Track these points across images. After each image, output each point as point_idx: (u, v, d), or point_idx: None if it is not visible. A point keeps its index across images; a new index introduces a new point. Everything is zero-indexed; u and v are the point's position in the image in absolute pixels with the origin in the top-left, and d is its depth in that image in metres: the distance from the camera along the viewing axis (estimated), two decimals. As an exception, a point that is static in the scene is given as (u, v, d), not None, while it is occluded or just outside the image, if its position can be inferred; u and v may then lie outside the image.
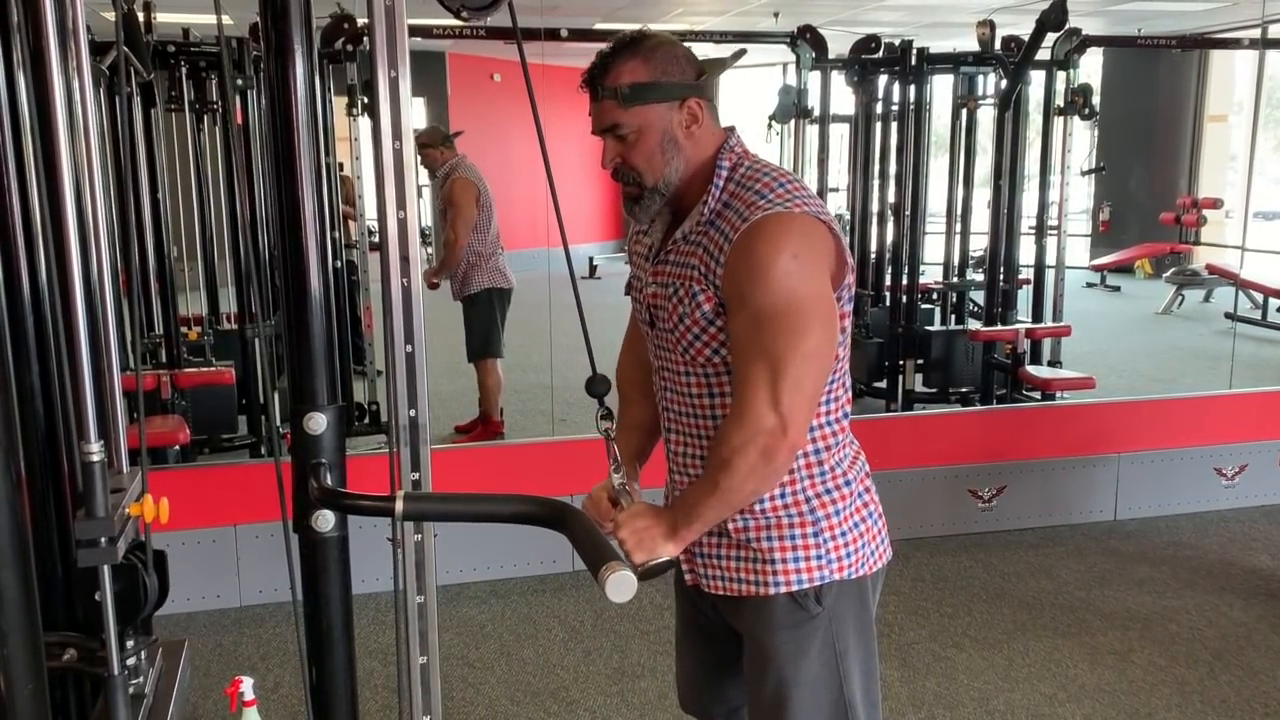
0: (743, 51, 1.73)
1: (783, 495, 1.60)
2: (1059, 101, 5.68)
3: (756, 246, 1.47)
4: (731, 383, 1.56)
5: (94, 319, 1.38)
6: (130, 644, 1.36)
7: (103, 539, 1.21)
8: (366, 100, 4.97)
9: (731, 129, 1.63)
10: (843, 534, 1.62)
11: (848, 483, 1.64)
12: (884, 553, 1.70)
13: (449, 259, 5.24)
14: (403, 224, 1.47)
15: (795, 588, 1.60)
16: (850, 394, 1.68)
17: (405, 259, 1.47)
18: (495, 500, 1.41)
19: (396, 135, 1.46)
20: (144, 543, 1.36)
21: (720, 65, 1.63)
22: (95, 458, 1.21)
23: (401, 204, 1.47)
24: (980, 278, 6.04)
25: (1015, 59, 5.34)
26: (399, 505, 1.30)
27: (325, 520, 1.32)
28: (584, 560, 1.23)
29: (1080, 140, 6.99)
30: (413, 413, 1.52)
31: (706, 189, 1.58)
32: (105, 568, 1.25)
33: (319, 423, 1.32)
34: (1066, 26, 5.15)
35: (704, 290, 1.54)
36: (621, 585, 1.19)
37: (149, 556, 1.35)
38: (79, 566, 1.25)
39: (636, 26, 1.65)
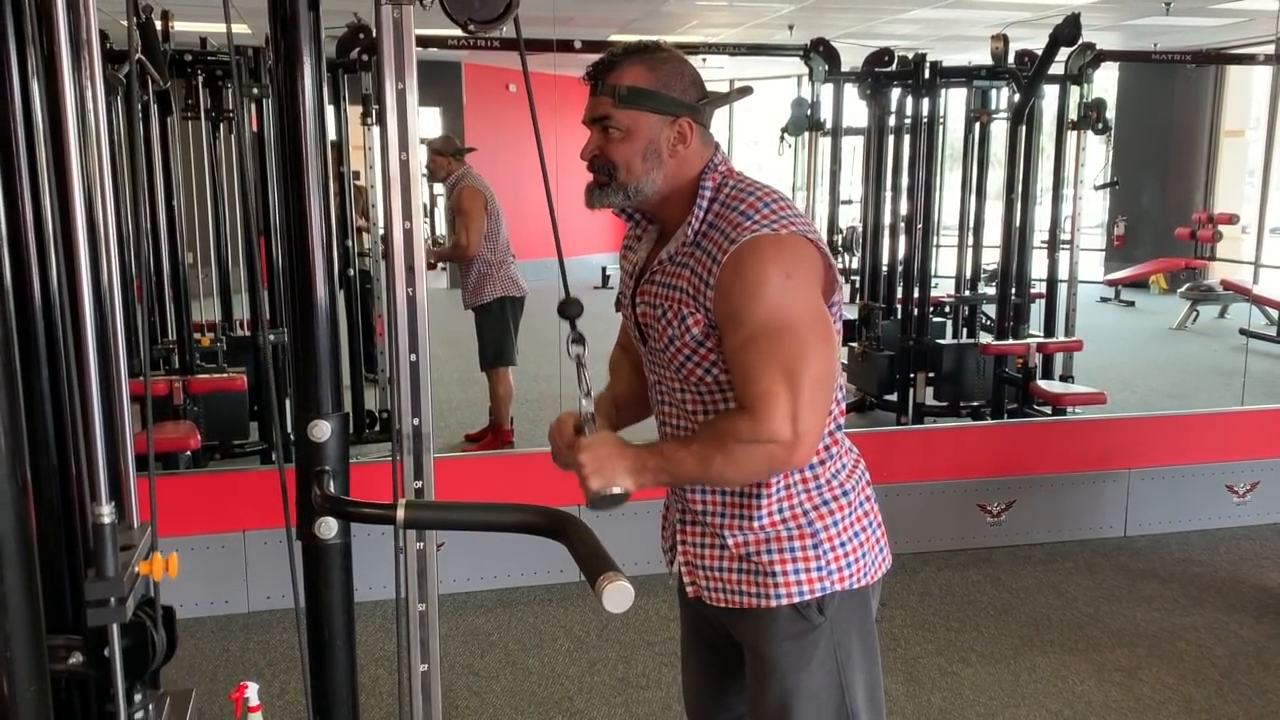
0: (749, 90, 1.73)
1: (780, 510, 1.60)
2: (1073, 116, 5.67)
3: (747, 268, 1.47)
4: (727, 400, 1.56)
5: (103, 328, 1.39)
6: (138, 698, 1.38)
7: (112, 599, 1.23)
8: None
9: (716, 147, 1.62)
10: (842, 544, 1.62)
11: (845, 493, 1.64)
12: (884, 562, 1.70)
13: (454, 253, 5.31)
14: (408, 234, 1.48)
15: (797, 599, 1.60)
16: (843, 406, 1.68)
17: (410, 268, 1.49)
18: (496, 509, 1.42)
19: (403, 147, 1.47)
20: (153, 599, 1.38)
21: (722, 99, 1.63)
22: (105, 520, 1.22)
23: (408, 214, 1.48)
24: (992, 291, 6.03)
25: (1029, 73, 5.34)
26: (400, 513, 1.31)
27: (328, 527, 1.33)
28: (582, 570, 1.23)
29: (1094, 154, 6.97)
30: (416, 421, 1.53)
31: (690, 209, 1.57)
32: (114, 626, 1.27)
33: (323, 430, 1.33)
34: (1080, 41, 5.15)
35: (693, 313, 1.54)
36: (619, 596, 1.19)
37: (158, 613, 1.37)
38: (88, 626, 1.27)
39: (651, 38, 1.66)
